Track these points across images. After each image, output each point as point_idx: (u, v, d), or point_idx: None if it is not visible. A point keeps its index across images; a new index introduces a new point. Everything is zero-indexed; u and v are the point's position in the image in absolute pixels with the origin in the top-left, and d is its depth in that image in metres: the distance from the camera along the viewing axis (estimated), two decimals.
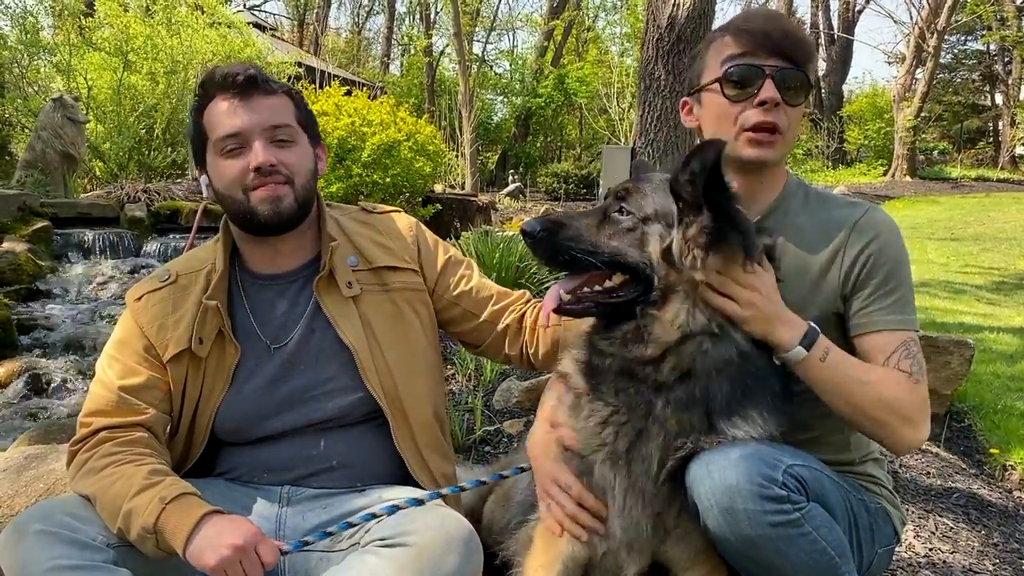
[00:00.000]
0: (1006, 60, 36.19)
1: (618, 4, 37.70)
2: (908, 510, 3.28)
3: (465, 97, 22.62)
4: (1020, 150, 34.51)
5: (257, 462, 2.15)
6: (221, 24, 17.27)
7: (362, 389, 2.16)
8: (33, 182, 10.93)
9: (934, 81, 31.18)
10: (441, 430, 2.35)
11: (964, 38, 38.80)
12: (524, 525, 2.19)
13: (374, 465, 2.19)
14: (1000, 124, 37.53)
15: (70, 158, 11.54)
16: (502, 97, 39.94)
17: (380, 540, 1.80)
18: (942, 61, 33.90)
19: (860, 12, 39.68)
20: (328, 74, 21.67)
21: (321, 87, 13.41)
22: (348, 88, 12.52)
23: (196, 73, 15.09)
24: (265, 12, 43.61)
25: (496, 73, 41.33)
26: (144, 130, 14.38)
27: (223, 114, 2.11)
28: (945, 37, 29.73)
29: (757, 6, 36.24)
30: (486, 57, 41.07)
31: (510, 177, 30.00)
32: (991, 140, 40.63)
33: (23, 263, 8.18)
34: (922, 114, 29.88)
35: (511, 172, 32.27)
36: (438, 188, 14.91)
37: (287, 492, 2.11)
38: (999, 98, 38.98)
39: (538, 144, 39.42)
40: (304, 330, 2.20)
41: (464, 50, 23.60)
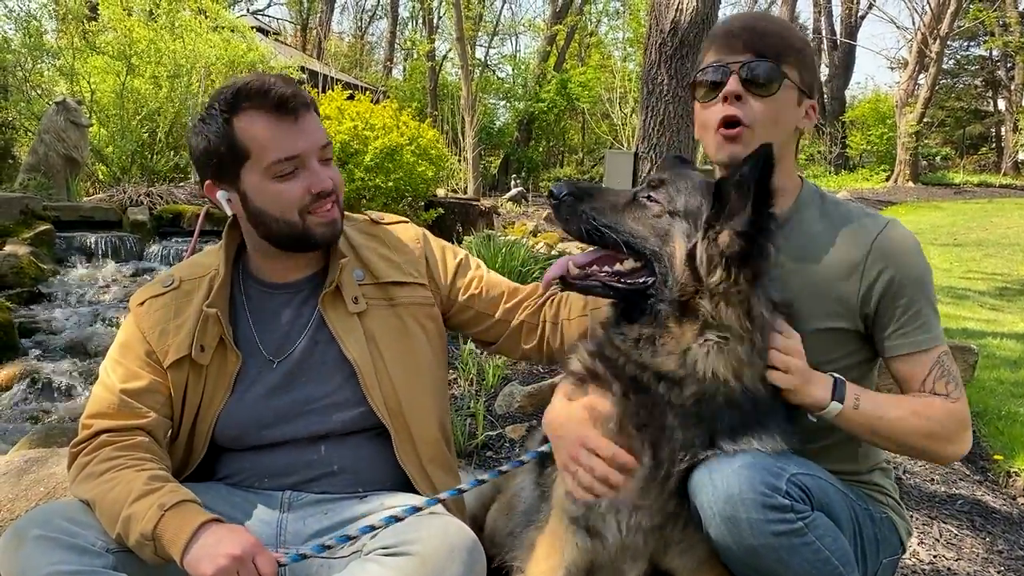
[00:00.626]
0: (1009, 66, 36.17)
1: (620, 9, 37.72)
2: (912, 517, 3.27)
3: (468, 101, 22.61)
4: (1023, 156, 34.49)
5: (258, 467, 2.14)
6: (224, 28, 17.28)
7: (364, 404, 2.14)
8: (36, 185, 10.94)
9: (937, 87, 31.16)
10: (446, 445, 2.33)
11: (967, 44, 38.85)
12: (527, 531, 2.18)
13: (375, 472, 2.17)
14: (1003, 130, 37.45)
15: (73, 161, 11.55)
16: (505, 102, 39.92)
17: (383, 548, 1.79)
18: (945, 67, 33.90)
19: (863, 17, 39.72)
20: (331, 78, 21.69)
21: (324, 91, 13.44)
22: (351, 92, 12.55)
23: (199, 77, 15.12)
24: (268, 16, 43.70)
25: (499, 78, 41.32)
26: (147, 134, 14.38)
27: (275, 134, 2.02)
28: (948, 43, 29.73)
29: (760, 10, 36.31)
30: (489, 62, 41.11)
31: (512, 182, 29.94)
32: (994, 146, 40.58)
33: (25, 266, 8.18)
34: (925, 119, 29.82)
35: (513, 176, 32.24)
36: (440, 192, 14.92)
37: (288, 497, 2.10)
38: (1002, 104, 39.00)
39: (540, 149, 39.41)
40: (308, 342, 2.19)
41: (467, 55, 23.61)
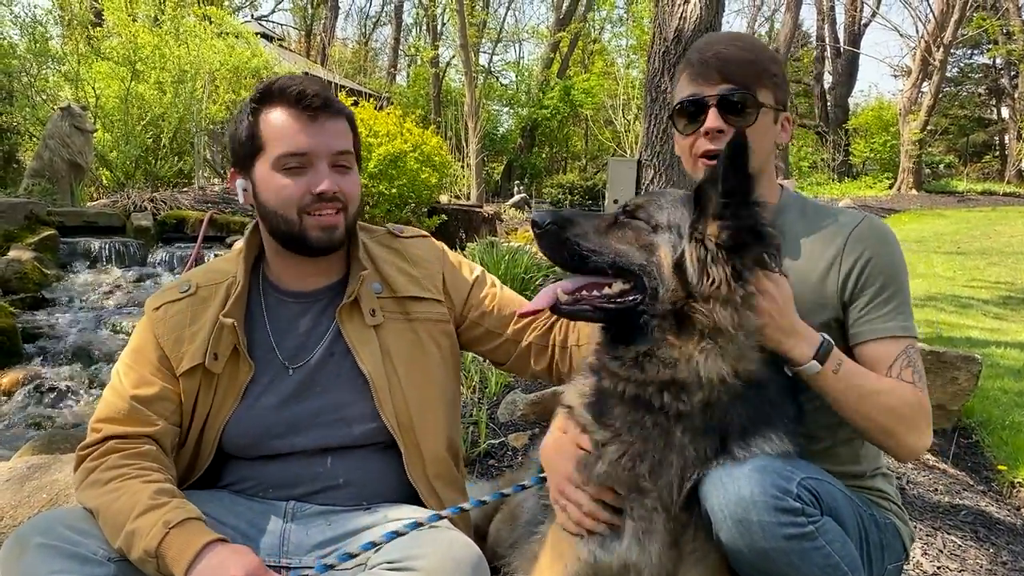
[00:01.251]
0: (1012, 74, 36.15)
1: (624, 17, 37.79)
2: (916, 527, 3.25)
3: (471, 108, 22.66)
4: None
5: (263, 477, 2.14)
6: (229, 34, 17.39)
7: (377, 419, 2.14)
8: (40, 190, 10.98)
9: (940, 94, 31.18)
10: (455, 462, 2.32)
11: (970, 52, 38.88)
12: (530, 541, 2.17)
13: (381, 485, 2.17)
14: (1006, 138, 37.49)
15: (77, 167, 11.59)
16: (508, 108, 40.05)
17: (388, 563, 1.78)
18: (948, 75, 33.92)
19: (866, 25, 39.80)
20: (335, 84, 21.74)
21: None
22: (355, 99, 12.59)
23: (203, 83, 15.18)
24: (272, 22, 43.87)
25: (502, 84, 41.43)
26: (151, 139, 14.45)
27: (289, 129, 2.07)
28: (951, 51, 29.73)
29: (764, 17, 36.40)
30: (492, 68, 41.24)
31: (515, 188, 30.02)
32: (997, 154, 40.55)
33: (29, 271, 8.20)
34: (928, 127, 29.83)
35: (516, 183, 32.33)
36: (443, 199, 14.92)
37: (292, 508, 2.09)
38: (1005, 112, 38.96)
39: (543, 155, 39.52)
40: (323, 353, 2.19)
41: (470, 61, 23.66)
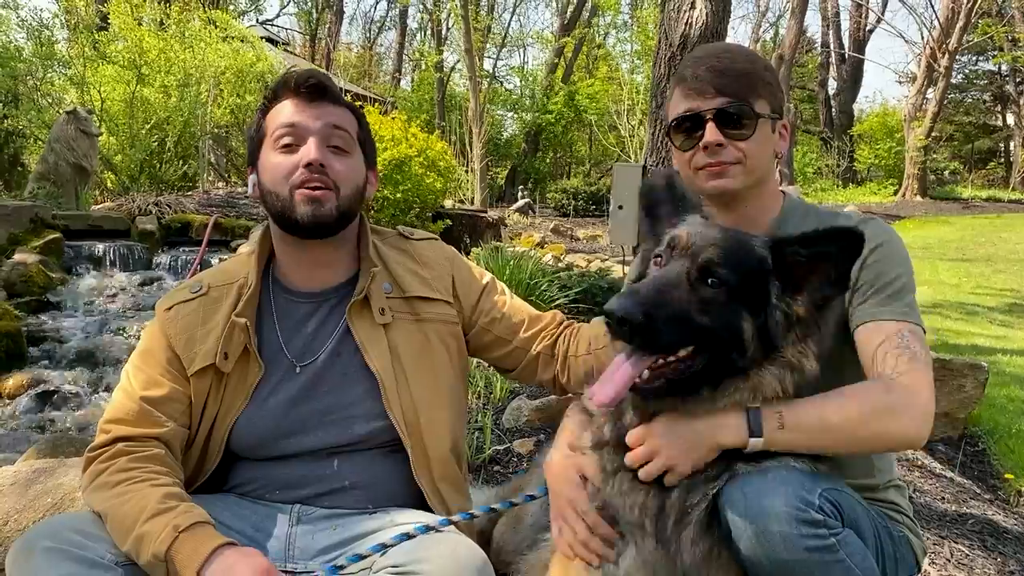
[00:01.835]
0: (1017, 80, 36.19)
1: (628, 22, 37.85)
2: (924, 537, 3.24)
3: (475, 113, 22.69)
4: None
5: (270, 478, 2.14)
6: (234, 38, 17.43)
7: (384, 417, 2.14)
8: (45, 194, 10.99)
9: (945, 101, 31.18)
10: (458, 464, 2.32)
11: (975, 58, 38.90)
12: (535, 547, 2.16)
13: (387, 488, 2.16)
14: (1011, 144, 37.48)
15: (82, 170, 11.59)
16: (512, 113, 40.08)
17: (393, 567, 1.77)
18: (953, 81, 33.92)
19: (871, 31, 39.80)
20: (340, 89, 21.75)
21: None
22: (359, 103, 12.56)
23: (208, 87, 15.21)
24: (277, 27, 43.97)
25: (506, 89, 41.48)
26: (156, 143, 14.47)
27: (285, 110, 2.16)
28: (956, 57, 29.73)
29: (770, 23, 36.39)
30: (497, 73, 41.29)
31: (519, 193, 30.03)
32: (1002, 160, 40.54)
33: (34, 275, 8.20)
34: (933, 134, 29.83)
35: (520, 188, 32.32)
36: (448, 204, 14.93)
37: (298, 511, 2.09)
38: (1010, 118, 38.99)
39: (548, 160, 39.50)
40: (331, 351, 2.19)
41: (475, 66, 23.69)
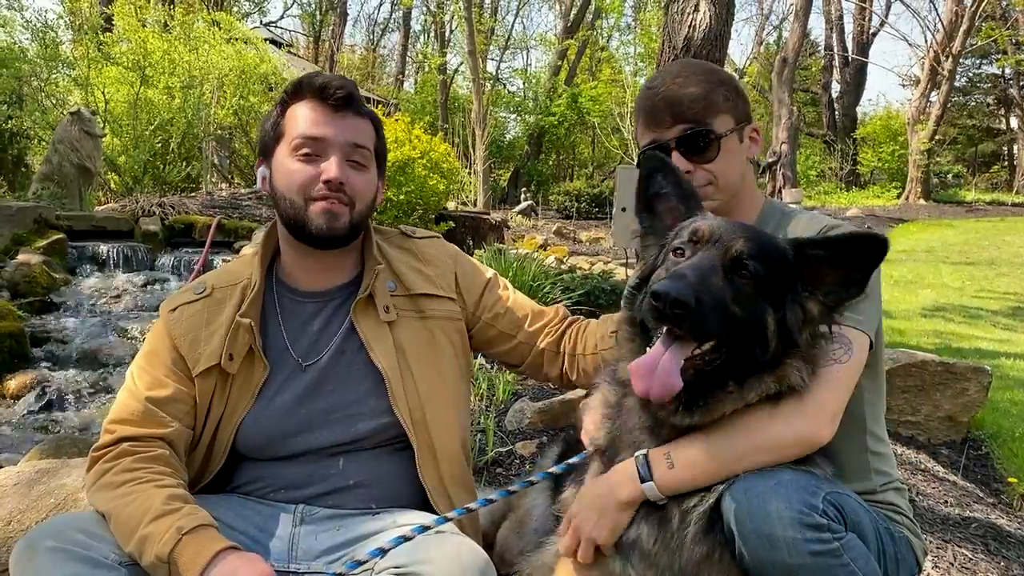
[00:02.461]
0: (1021, 84, 36.16)
1: (632, 24, 37.90)
2: (926, 540, 3.23)
3: (478, 115, 22.68)
4: None
5: (275, 478, 2.14)
6: (238, 40, 17.44)
7: (390, 414, 2.15)
8: (49, 195, 11.01)
9: (948, 104, 31.16)
10: (465, 462, 2.33)
11: (979, 61, 38.88)
12: (539, 549, 2.16)
13: (391, 487, 2.17)
14: (1015, 148, 37.44)
15: (86, 171, 11.62)
16: (515, 115, 40.10)
17: (395, 568, 1.77)
18: (957, 84, 33.93)
19: (875, 34, 39.76)
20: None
21: None
22: None
23: (212, 88, 15.22)
24: (281, 28, 44.00)
25: (509, 91, 41.50)
26: (160, 144, 14.48)
27: (309, 117, 2.14)
28: (960, 60, 29.72)
29: (772, 26, 36.38)
30: (500, 75, 41.31)
31: (522, 195, 30.00)
32: (1006, 164, 40.50)
33: (37, 275, 8.21)
34: (936, 137, 29.82)
35: (523, 190, 32.29)
36: (450, 205, 14.93)
37: (301, 511, 2.09)
38: (1014, 122, 38.95)
39: (550, 162, 39.55)
40: (336, 350, 2.20)
41: (478, 68, 23.69)
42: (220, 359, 2.11)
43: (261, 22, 39.38)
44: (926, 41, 31.93)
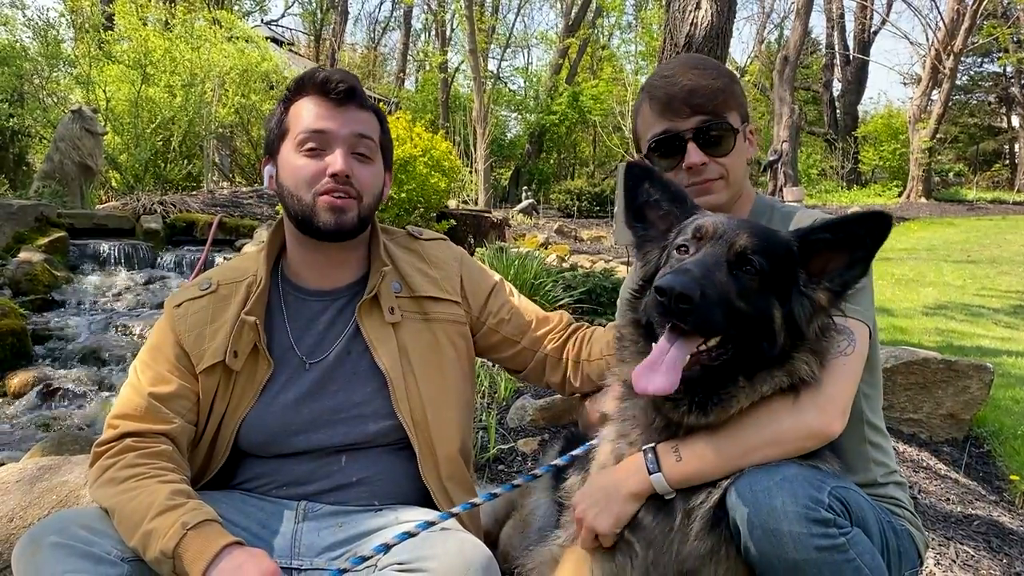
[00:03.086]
0: (1022, 82, 36.09)
1: (633, 23, 37.88)
2: (928, 537, 3.23)
3: (479, 113, 22.68)
4: None
5: (278, 475, 2.14)
6: (239, 38, 17.46)
7: (393, 417, 2.15)
8: (50, 193, 11.02)
9: (950, 103, 31.15)
10: (466, 463, 2.33)
11: (980, 60, 38.90)
12: (542, 543, 2.16)
13: (393, 484, 2.17)
14: (1016, 146, 37.42)
15: (87, 169, 11.63)
16: (516, 114, 40.14)
17: (398, 564, 1.77)
18: (958, 83, 33.94)
19: (876, 33, 39.74)
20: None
21: None
22: None
23: (213, 86, 15.23)
24: (282, 27, 43.96)
25: (510, 90, 41.54)
26: (161, 142, 14.49)
27: (313, 112, 2.14)
28: (961, 59, 29.69)
29: (774, 24, 36.37)
30: (501, 74, 41.32)
31: (523, 193, 30.03)
32: (1007, 162, 40.48)
33: (39, 273, 8.21)
34: (938, 135, 29.82)
35: (524, 188, 32.32)
36: (452, 204, 14.93)
37: (304, 508, 2.10)
38: (1015, 120, 38.94)
39: (551, 161, 39.57)
40: (341, 350, 2.20)
41: (479, 67, 23.69)
42: (224, 356, 2.11)
43: (262, 20, 39.37)
44: (927, 39, 31.90)
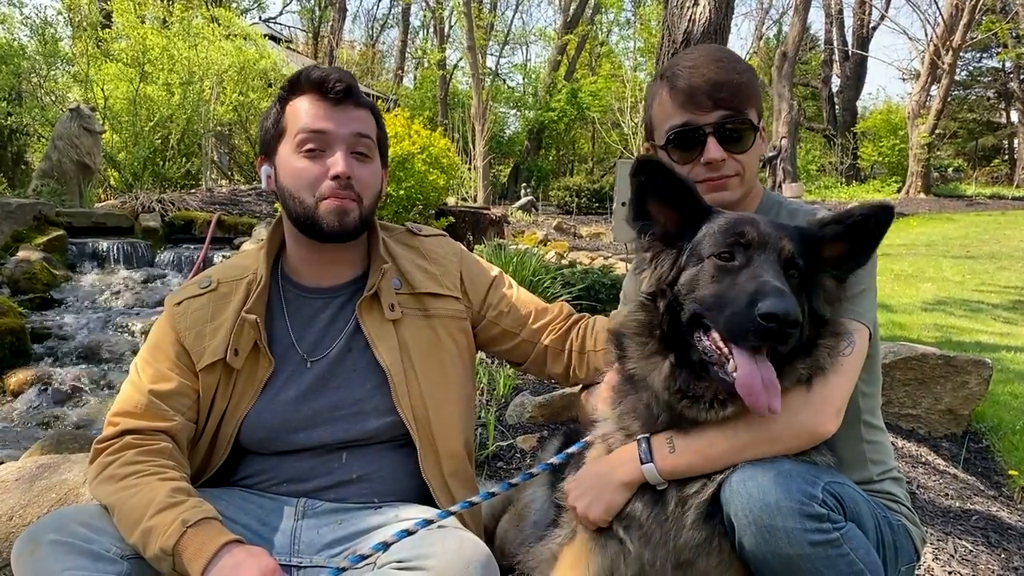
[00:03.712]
0: (1022, 78, 36.12)
1: (631, 19, 37.81)
2: (927, 532, 3.23)
3: (478, 110, 22.63)
4: None
5: (279, 471, 2.15)
6: (237, 36, 17.42)
7: (393, 413, 2.15)
8: (49, 191, 11.00)
9: (949, 98, 31.13)
10: (468, 459, 2.33)
11: (979, 55, 38.89)
12: (542, 541, 2.16)
13: (393, 481, 2.17)
14: (1015, 142, 37.42)
15: (86, 168, 11.61)
16: (515, 111, 40.06)
17: (397, 562, 1.78)
18: (957, 78, 33.91)
19: (875, 28, 39.74)
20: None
21: None
22: None
23: (211, 84, 15.22)
24: (280, 24, 43.92)
25: (509, 87, 41.49)
26: (159, 140, 14.48)
27: (310, 111, 2.13)
28: (960, 54, 29.68)
29: (772, 20, 36.33)
30: (499, 71, 41.30)
31: (522, 190, 30.00)
32: (1006, 158, 40.48)
33: (38, 272, 8.20)
34: (937, 131, 29.82)
35: (523, 185, 32.27)
36: (451, 201, 14.92)
37: (304, 505, 2.10)
38: (1015, 115, 38.96)
39: (550, 158, 39.52)
40: (342, 347, 2.20)
41: (478, 64, 23.65)
42: (225, 354, 2.11)
43: (260, 18, 39.30)
44: (926, 35, 31.95)
